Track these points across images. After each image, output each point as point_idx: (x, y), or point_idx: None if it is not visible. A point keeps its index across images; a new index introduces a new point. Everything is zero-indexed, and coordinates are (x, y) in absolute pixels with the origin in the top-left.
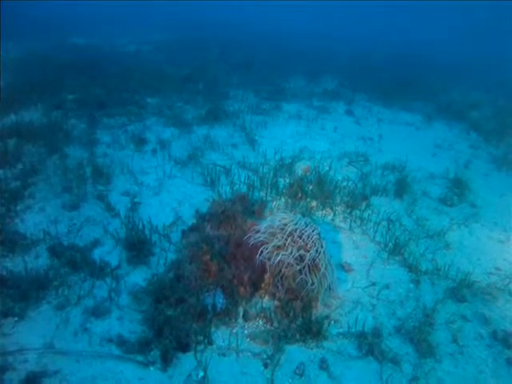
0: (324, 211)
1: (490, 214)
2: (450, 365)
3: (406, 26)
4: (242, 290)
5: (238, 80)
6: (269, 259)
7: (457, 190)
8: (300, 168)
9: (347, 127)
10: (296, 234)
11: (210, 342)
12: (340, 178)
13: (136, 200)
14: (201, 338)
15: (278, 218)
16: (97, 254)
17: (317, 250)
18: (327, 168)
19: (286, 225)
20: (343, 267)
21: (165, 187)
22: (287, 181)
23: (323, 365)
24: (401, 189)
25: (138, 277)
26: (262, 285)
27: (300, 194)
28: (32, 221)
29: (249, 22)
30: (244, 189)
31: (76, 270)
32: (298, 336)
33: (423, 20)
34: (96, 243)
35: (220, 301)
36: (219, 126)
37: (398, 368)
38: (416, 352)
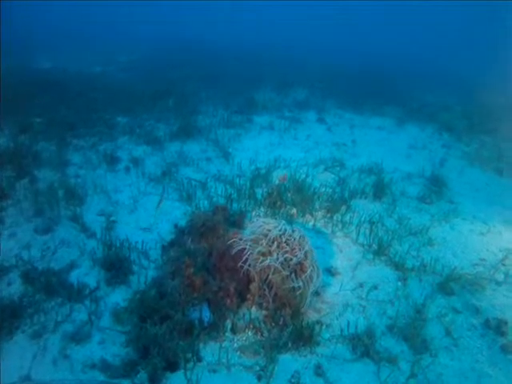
0: (304, 218)
1: (468, 209)
2: (446, 358)
3: (377, 32)
4: (228, 301)
5: (208, 94)
6: (254, 267)
7: (434, 187)
8: (276, 177)
9: (320, 135)
10: (281, 239)
11: (199, 359)
12: (317, 184)
13: (112, 219)
14: (189, 355)
15: (260, 224)
16: (74, 276)
17: (304, 254)
18: (304, 175)
19: (269, 230)
20: (329, 271)
21: (140, 205)
22: (265, 190)
23: (319, 371)
24: (379, 190)
25: (118, 297)
26: (249, 295)
27: (279, 203)
28: (3, 247)
29: (215, 36)
30: (222, 201)
31: (52, 295)
32: (289, 344)
33: (395, 25)
34: (72, 265)
35: (206, 315)
36: (192, 141)
37: (395, 367)
38: (411, 349)
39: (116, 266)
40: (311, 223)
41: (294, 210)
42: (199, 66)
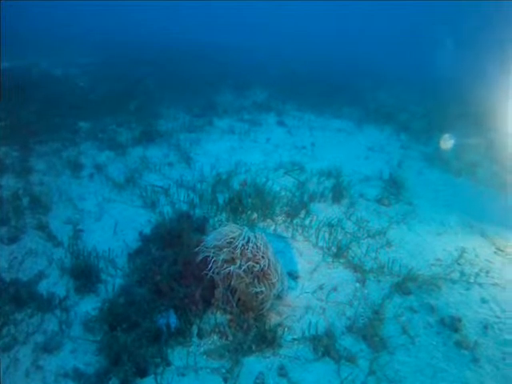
0: (265, 222)
1: (426, 210)
2: (403, 355)
3: (336, 32)
4: (193, 307)
5: (170, 97)
6: (218, 274)
7: (392, 189)
8: (237, 182)
9: (280, 138)
10: (243, 246)
11: (168, 364)
12: (278, 188)
13: (78, 227)
14: (158, 360)
15: (223, 231)
16: (43, 286)
17: (266, 260)
18: (264, 179)
19: (232, 238)
20: (290, 275)
21: (105, 212)
22: (226, 196)
23: (282, 371)
24: (338, 193)
25: (88, 306)
26: (213, 300)
27: (240, 208)
28: None
29: (180, 36)
30: (185, 207)
31: (21, 306)
32: (253, 347)
33: (354, 24)
34: (41, 275)
35: (173, 321)
36: (154, 146)
37: (354, 365)
38: (369, 347)
39: (84, 275)
40: (272, 228)
41: (255, 215)
42: (162, 66)
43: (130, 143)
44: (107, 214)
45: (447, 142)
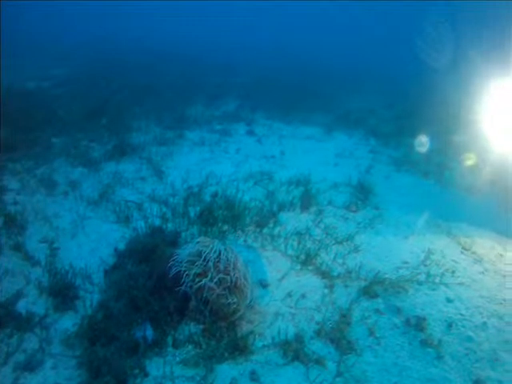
0: (236, 233)
1: (393, 214)
2: (370, 356)
3: (306, 35)
4: (168, 319)
5: (142, 109)
6: (191, 287)
7: (360, 195)
8: (208, 194)
9: (250, 147)
10: (214, 260)
11: (146, 374)
12: (248, 198)
13: (54, 245)
14: (136, 371)
15: (195, 246)
16: (21, 306)
17: (236, 272)
18: (235, 191)
19: (204, 252)
20: (261, 283)
21: (81, 229)
22: (198, 208)
23: (254, 376)
24: (306, 202)
25: (67, 322)
26: (187, 312)
27: (211, 220)
28: None
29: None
30: (158, 221)
31: (0, 327)
32: (226, 354)
33: (320, 25)
34: (19, 295)
35: (150, 333)
36: (126, 160)
37: (322, 367)
38: (337, 350)
39: (63, 293)
40: (242, 238)
41: (226, 227)
42: (132, 76)
43: (102, 158)
44: (82, 231)
45: (416, 146)
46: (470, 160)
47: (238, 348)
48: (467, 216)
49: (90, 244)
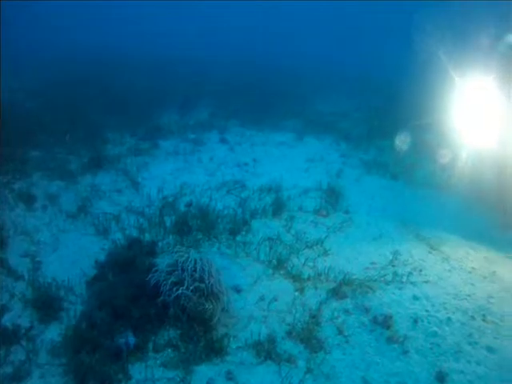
0: (210, 241)
1: (362, 216)
2: (338, 353)
3: (273, 38)
4: (149, 326)
5: (116, 121)
6: (169, 296)
7: (330, 199)
8: (183, 204)
9: (223, 156)
10: (191, 269)
11: (129, 378)
12: (221, 207)
13: (37, 259)
14: (121, 376)
15: (173, 256)
16: (7, 320)
17: (211, 279)
18: (208, 200)
19: (180, 262)
20: (235, 289)
21: (61, 242)
22: (173, 218)
23: (229, 376)
24: (278, 208)
25: (52, 333)
26: (166, 318)
27: (186, 229)
28: None
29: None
30: (135, 232)
31: None
32: (203, 356)
33: (287, 26)
34: (4, 309)
35: (131, 339)
36: (103, 173)
37: (293, 365)
38: (307, 349)
39: (47, 305)
40: (216, 246)
41: (200, 235)
42: (107, 85)
43: (79, 171)
44: (63, 244)
45: (386, 147)
46: (440, 158)
47: (214, 350)
48: (436, 216)
49: (71, 257)
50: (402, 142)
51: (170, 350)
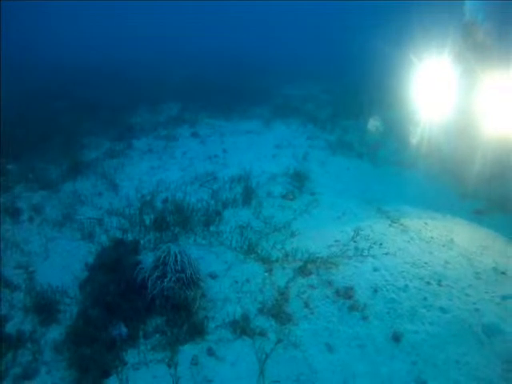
0: (186, 234)
1: (327, 197)
2: (305, 324)
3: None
4: (138, 317)
5: (91, 126)
6: (154, 288)
7: (297, 183)
8: (160, 201)
9: (194, 150)
10: (172, 262)
11: (125, 363)
12: (195, 200)
13: (30, 269)
14: (117, 362)
15: (155, 253)
16: (11, 327)
17: (190, 270)
18: (183, 194)
19: (162, 257)
20: (211, 275)
21: (51, 250)
22: (152, 216)
23: (210, 352)
24: (247, 196)
25: (54, 333)
26: (153, 308)
27: (164, 225)
28: None
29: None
30: (118, 233)
31: None
32: (187, 337)
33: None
34: (6, 319)
35: (124, 330)
36: (82, 178)
37: (265, 338)
38: (277, 323)
39: (45, 310)
40: (192, 238)
41: (178, 229)
42: (77, 90)
43: (60, 180)
44: (53, 252)
45: (351, 127)
46: (402, 135)
47: (196, 331)
48: (398, 191)
49: (62, 262)
50: (366, 121)
51: (157, 336)
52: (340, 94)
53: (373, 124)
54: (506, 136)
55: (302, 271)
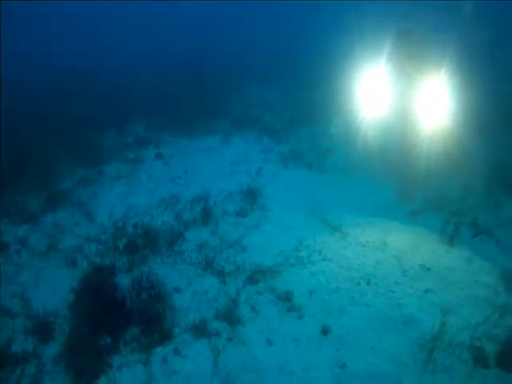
0: (154, 255)
1: (277, 211)
2: (251, 325)
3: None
4: (119, 329)
5: (63, 151)
6: (132, 304)
7: (249, 199)
8: (131, 226)
9: (159, 172)
10: (144, 281)
11: (111, 366)
12: (160, 223)
13: (25, 297)
14: (104, 366)
15: (130, 275)
16: (15, 348)
17: (158, 287)
18: (149, 218)
19: (136, 278)
20: (175, 290)
21: (40, 279)
22: (124, 240)
23: (176, 351)
24: (206, 216)
25: (52, 349)
26: (131, 321)
27: (135, 248)
28: None
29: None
30: (97, 258)
31: (2, 367)
32: (158, 342)
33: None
34: (10, 341)
35: (108, 341)
36: (60, 209)
37: (219, 337)
38: (229, 325)
39: (42, 330)
40: (159, 258)
41: (147, 251)
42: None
43: (40, 212)
44: (42, 280)
45: (304, 136)
46: (352, 140)
47: (165, 336)
48: (342, 199)
49: (51, 289)
50: (319, 127)
51: (134, 343)
52: (296, 97)
53: (326, 129)
54: (439, 136)
55: (251, 280)
